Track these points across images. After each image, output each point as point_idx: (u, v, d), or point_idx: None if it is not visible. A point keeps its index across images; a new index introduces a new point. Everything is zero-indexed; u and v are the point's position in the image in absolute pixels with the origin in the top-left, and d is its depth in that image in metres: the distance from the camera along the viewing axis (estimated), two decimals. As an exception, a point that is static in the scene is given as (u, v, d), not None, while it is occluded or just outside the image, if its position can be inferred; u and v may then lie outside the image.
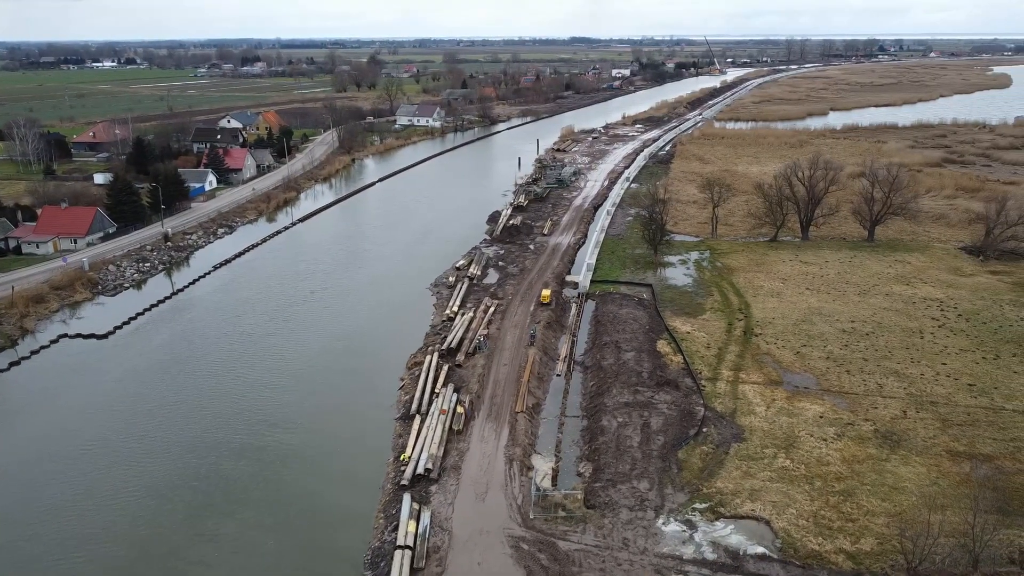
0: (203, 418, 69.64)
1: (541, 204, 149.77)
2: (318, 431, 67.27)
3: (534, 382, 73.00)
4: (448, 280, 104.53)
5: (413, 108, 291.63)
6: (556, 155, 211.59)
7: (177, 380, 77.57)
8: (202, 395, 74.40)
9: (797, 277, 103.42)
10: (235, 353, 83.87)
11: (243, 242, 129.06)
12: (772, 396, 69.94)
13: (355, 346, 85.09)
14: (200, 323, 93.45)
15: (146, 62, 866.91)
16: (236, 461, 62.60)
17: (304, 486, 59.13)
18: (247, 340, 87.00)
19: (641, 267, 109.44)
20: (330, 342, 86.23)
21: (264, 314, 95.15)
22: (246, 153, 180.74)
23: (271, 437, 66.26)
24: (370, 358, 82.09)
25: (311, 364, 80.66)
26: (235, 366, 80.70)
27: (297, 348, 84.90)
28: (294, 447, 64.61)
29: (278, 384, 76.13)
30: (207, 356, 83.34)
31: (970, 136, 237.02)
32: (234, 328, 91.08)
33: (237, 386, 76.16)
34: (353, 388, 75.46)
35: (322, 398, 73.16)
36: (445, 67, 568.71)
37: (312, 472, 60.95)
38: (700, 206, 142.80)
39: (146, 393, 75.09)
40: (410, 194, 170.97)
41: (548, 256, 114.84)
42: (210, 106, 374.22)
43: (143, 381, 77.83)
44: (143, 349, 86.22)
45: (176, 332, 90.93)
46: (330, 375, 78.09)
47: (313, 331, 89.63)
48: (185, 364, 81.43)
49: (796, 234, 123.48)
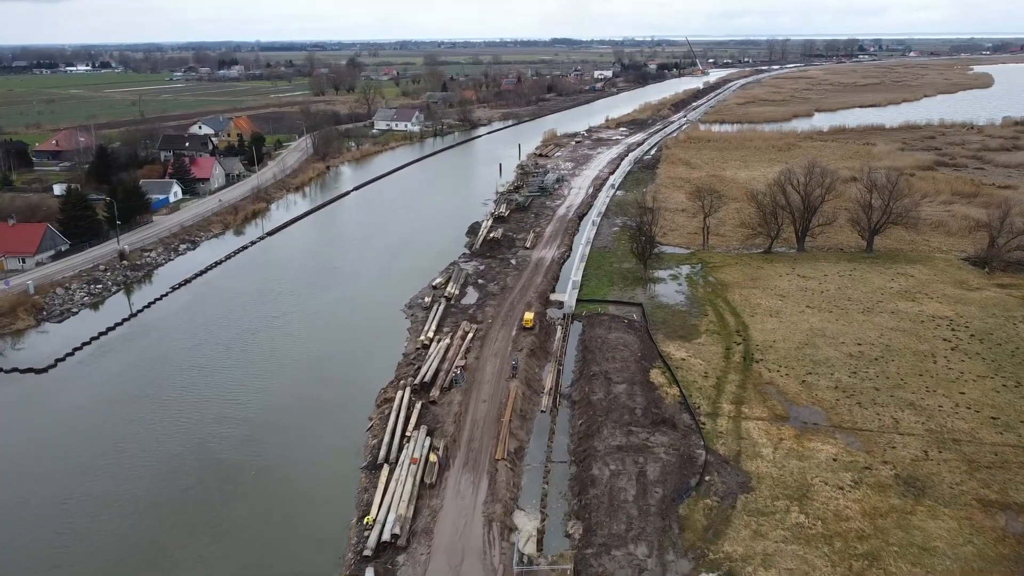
0: (141, 476, 61.71)
1: (523, 214, 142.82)
2: (274, 487, 59.75)
3: (516, 421, 65.98)
4: (424, 301, 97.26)
5: (391, 112, 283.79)
6: (538, 160, 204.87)
7: (117, 426, 69.57)
8: (144, 443, 66.54)
9: (796, 293, 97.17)
10: (187, 390, 76.06)
11: (207, 259, 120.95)
12: (779, 434, 63.40)
13: (321, 380, 77.52)
14: (151, 354, 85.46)
15: (121, 65, 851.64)
16: (175, 529, 55.00)
17: (255, 556, 51.72)
18: (201, 375, 79.15)
19: (630, 283, 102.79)
20: (293, 375, 78.61)
21: (222, 343, 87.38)
22: (214, 162, 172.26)
23: (219, 496, 58.72)
24: (336, 393, 74.58)
25: (271, 403, 73.05)
26: (184, 407, 72.83)
27: (256, 384, 77.22)
28: (245, 509, 57.09)
29: (231, 433, 68.07)
30: (154, 395, 75.24)
31: (959, 137, 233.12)
32: (188, 359, 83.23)
33: (185, 431, 68.42)
34: (316, 430, 67.91)
35: (281, 445, 65.52)
36: (426, 69, 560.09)
37: (264, 540, 53.48)
38: (689, 215, 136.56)
39: (81, 440, 67.23)
40: (386, 203, 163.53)
41: (531, 272, 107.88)
42: (184, 111, 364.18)
43: (82, 423, 69.94)
44: (86, 384, 78.26)
45: (124, 365, 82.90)
46: (292, 416, 70.49)
47: (275, 363, 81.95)
48: (129, 405, 73.41)
49: (791, 245, 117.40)
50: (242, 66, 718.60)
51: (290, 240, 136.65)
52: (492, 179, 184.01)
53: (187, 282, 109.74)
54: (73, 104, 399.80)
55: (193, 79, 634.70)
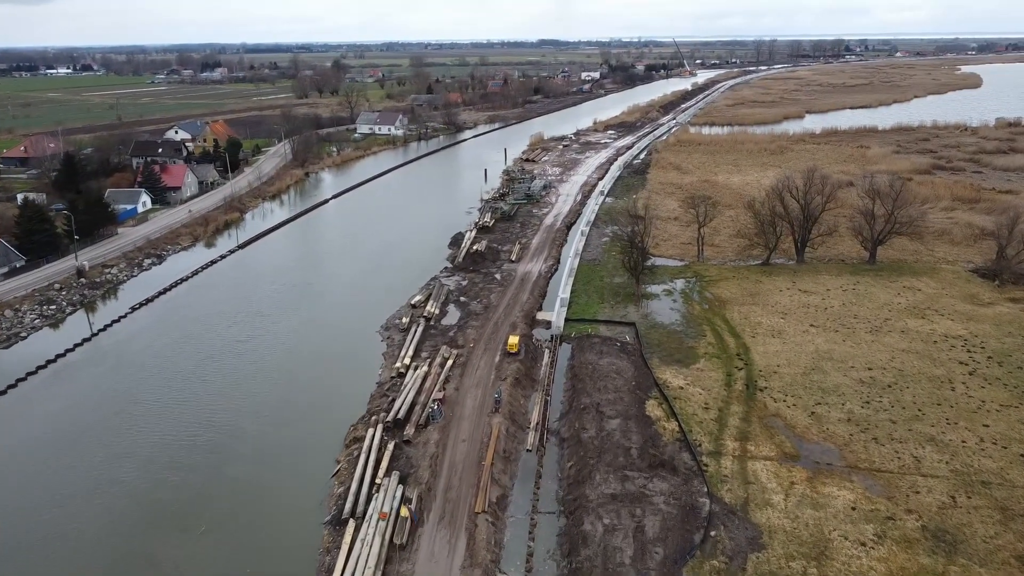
0: (71, 534, 54.89)
1: (509, 223, 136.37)
2: (226, 546, 52.98)
3: (499, 464, 59.49)
4: (401, 321, 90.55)
5: (374, 116, 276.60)
6: (525, 166, 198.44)
7: (47, 475, 62.31)
8: (79, 491, 59.61)
9: (798, 310, 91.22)
10: (133, 429, 68.88)
11: (172, 274, 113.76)
12: (789, 477, 57.27)
13: (285, 416, 70.62)
14: (101, 385, 78.37)
15: (103, 68, 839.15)
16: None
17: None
18: (150, 412, 71.90)
19: (622, 300, 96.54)
20: (255, 412, 71.58)
21: (179, 373, 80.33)
22: (186, 169, 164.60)
23: (164, 558, 51.90)
24: (302, 432, 67.74)
25: (228, 446, 66.03)
26: (131, 448, 65.85)
27: (215, 421, 70.29)
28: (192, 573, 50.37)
29: (184, 480, 61.09)
30: (96, 437, 68.02)
31: (954, 139, 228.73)
32: (139, 392, 76.11)
33: (128, 477, 61.51)
34: (277, 477, 61.06)
35: (237, 496, 58.65)
36: (411, 71, 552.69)
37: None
38: (682, 223, 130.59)
39: (17, 484, 60.24)
40: (366, 212, 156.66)
41: (516, 288, 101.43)
42: (163, 115, 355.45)
43: (18, 468, 62.90)
44: (22, 423, 71.04)
45: (68, 399, 75.67)
46: (250, 461, 63.53)
47: (236, 398, 74.87)
48: (66, 448, 66.35)
49: (790, 256, 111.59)
50: (225, 68, 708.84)
51: (263, 253, 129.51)
52: (477, 185, 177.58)
53: (149, 301, 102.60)
54: (50, 108, 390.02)
55: (175, 82, 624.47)
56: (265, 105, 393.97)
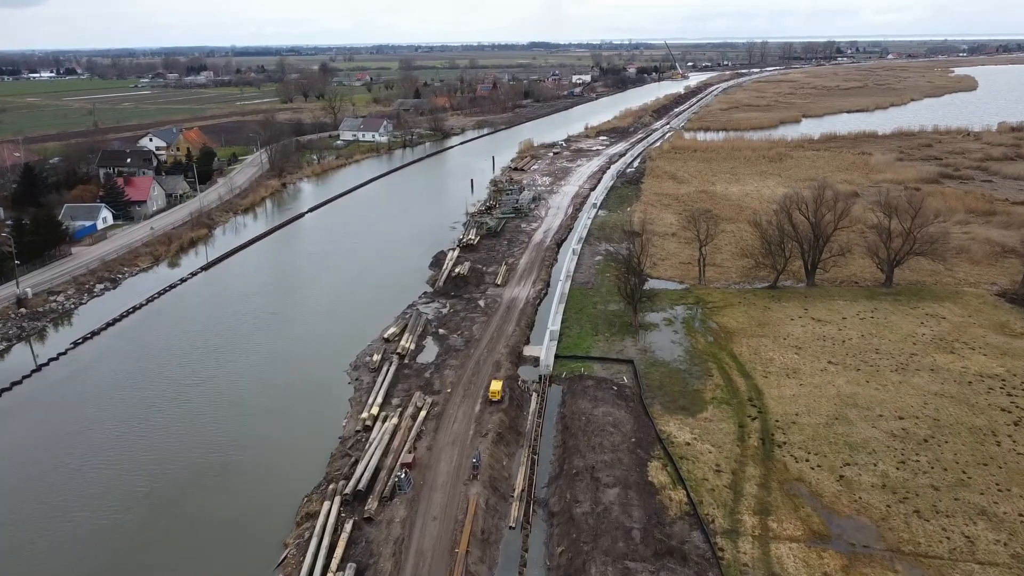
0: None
1: (495, 240, 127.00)
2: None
3: (476, 550, 50.06)
4: (372, 359, 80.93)
5: (358, 122, 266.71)
6: (513, 175, 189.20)
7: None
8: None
9: (812, 343, 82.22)
10: (55, 496, 59.28)
11: (126, 302, 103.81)
12: (821, 565, 48.13)
13: (229, 484, 60.79)
14: (28, 439, 68.44)
15: (88, 72, 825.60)
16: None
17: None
18: (76, 475, 62.24)
19: (618, 331, 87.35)
20: (194, 480, 61.49)
21: (116, 422, 70.53)
22: (151, 182, 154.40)
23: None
24: (247, 506, 57.86)
25: (157, 523, 56.30)
26: (44, 525, 56.23)
27: (145, 487, 60.56)
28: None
29: (94, 569, 51.86)
30: (10, 506, 58.61)
31: (957, 145, 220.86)
32: (69, 447, 66.38)
33: (39, 560, 51.86)
34: (213, 568, 51.51)
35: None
36: (400, 75, 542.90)
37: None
38: (681, 240, 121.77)
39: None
40: (344, 227, 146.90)
41: (502, 318, 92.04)
42: (140, 120, 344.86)
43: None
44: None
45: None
46: (179, 550, 53.98)
47: (176, 455, 64.99)
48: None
49: (799, 278, 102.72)
50: (211, 72, 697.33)
51: (228, 275, 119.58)
52: (463, 196, 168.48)
53: (95, 334, 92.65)
54: (25, 113, 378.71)
55: (159, 86, 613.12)
56: (248, 110, 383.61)
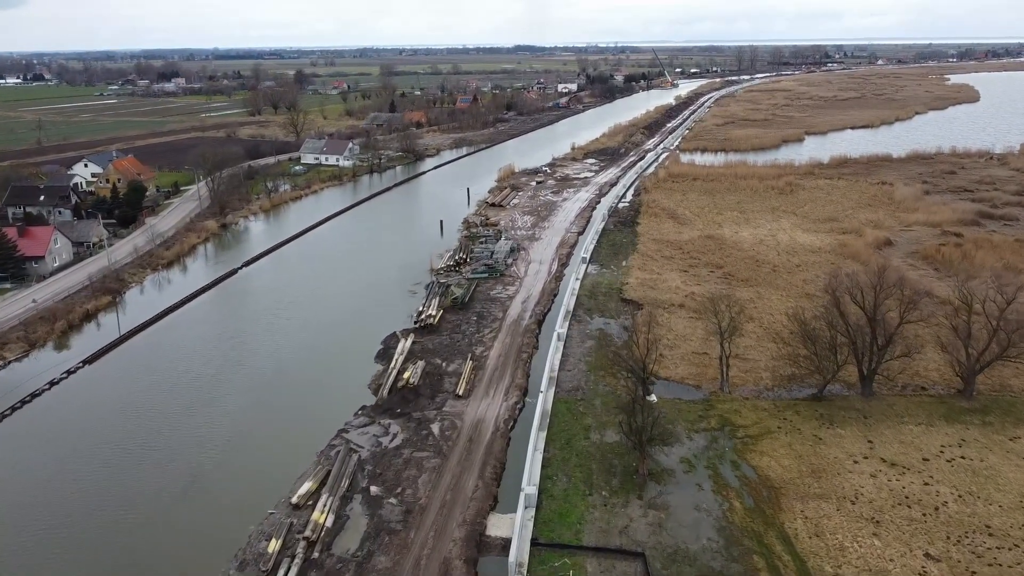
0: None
1: (461, 316, 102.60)
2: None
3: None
4: (265, 550, 56.08)
5: (320, 143, 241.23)
6: (489, 213, 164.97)
7: None
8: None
9: (892, 511, 58.50)
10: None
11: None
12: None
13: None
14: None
15: (57, 78, 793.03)
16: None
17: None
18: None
19: (619, 484, 63.31)
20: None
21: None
22: (52, 231, 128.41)
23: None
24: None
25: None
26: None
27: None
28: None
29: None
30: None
31: (984, 171, 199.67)
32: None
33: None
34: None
35: None
36: (379, 82, 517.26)
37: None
38: (691, 315, 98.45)
39: None
40: (283, 288, 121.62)
41: (460, 462, 67.49)
42: (91, 137, 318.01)
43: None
44: None
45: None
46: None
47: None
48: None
49: (849, 383, 79.21)
50: (183, 79, 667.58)
51: (115, 371, 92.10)
52: (431, 240, 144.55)
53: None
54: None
55: (126, 94, 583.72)
56: (211, 124, 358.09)
